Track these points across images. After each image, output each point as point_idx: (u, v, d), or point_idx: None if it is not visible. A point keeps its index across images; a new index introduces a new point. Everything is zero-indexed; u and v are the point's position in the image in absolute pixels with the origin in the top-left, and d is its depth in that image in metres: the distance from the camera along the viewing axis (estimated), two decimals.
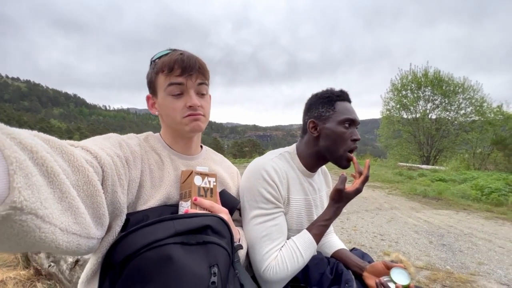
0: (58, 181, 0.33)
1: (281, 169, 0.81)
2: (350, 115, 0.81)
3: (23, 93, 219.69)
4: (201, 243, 0.48)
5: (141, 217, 0.55)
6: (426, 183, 6.99)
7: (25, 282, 1.78)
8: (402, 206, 4.84)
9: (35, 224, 0.28)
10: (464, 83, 15.37)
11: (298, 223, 0.85)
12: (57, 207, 0.32)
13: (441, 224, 3.69)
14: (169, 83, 0.64)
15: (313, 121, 0.84)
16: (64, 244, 0.33)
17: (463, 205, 5.02)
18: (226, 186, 0.79)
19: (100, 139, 0.57)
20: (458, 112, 15.66)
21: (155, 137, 0.73)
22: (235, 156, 43.62)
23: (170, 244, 0.45)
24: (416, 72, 16.30)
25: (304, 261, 0.74)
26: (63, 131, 71.34)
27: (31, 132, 0.35)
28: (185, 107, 0.65)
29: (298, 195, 0.85)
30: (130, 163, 0.58)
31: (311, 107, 0.86)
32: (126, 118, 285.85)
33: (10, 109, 70.68)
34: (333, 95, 0.83)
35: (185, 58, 0.64)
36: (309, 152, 0.86)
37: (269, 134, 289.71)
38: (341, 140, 0.80)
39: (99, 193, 0.41)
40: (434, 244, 2.91)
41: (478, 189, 5.77)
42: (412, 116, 16.74)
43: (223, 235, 0.53)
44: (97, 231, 0.42)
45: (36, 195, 0.28)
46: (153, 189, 0.62)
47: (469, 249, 2.77)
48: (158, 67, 0.65)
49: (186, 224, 0.48)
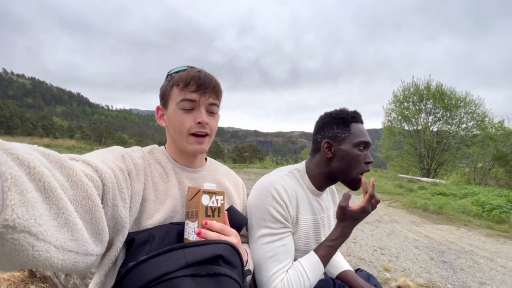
0: (55, 197, 0.33)
1: (290, 187, 0.79)
2: (365, 138, 0.80)
3: (27, 90, 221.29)
4: (212, 274, 0.47)
5: (147, 236, 0.53)
6: (427, 197, 6.95)
7: (19, 284, 1.74)
8: (402, 219, 4.79)
9: (28, 242, 0.27)
10: (466, 97, 15.47)
11: (306, 243, 0.83)
12: (52, 224, 0.32)
13: (442, 240, 3.65)
14: (183, 98, 0.65)
15: (328, 141, 0.82)
16: (59, 262, 0.32)
17: (463, 220, 4.97)
18: (232, 200, 0.77)
19: (103, 152, 0.57)
20: (459, 126, 15.70)
21: (160, 150, 0.72)
22: (235, 161, 43.50)
23: (181, 277, 0.44)
24: (419, 85, 16.41)
25: (310, 284, 0.73)
26: (64, 129, 71.47)
27: (30, 147, 0.35)
28: (193, 123, 0.65)
29: (307, 214, 0.84)
30: (133, 176, 0.57)
31: (325, 126, 0.84)
32: (128, 118, 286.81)
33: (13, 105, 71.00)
34: (348, 116, 0.81)
35: (202, 76, 0.65)
36: (320, 172, 0.85)
37: (270, 140, 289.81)
38: (356, 163, 0.79)
39: (98, 208, 0.41)
40: (435, 260, 2.87)
41: (479, 205, 5.73)
42: (413, 128, 16.78)
43: (235, 265, 0.52)
44: (96, 247, 0.41)
45: (31, 212, 0.28)
46: (157, 203, 0.61)
47: (470, 268, 2.72)
48: (174, 80, 0.66)
49: (197, 255, 0.47)
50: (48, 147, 0.46)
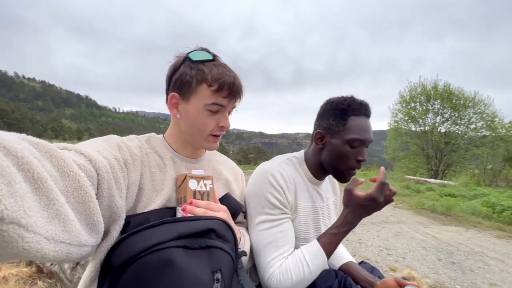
0: (45, 188, 0.32)
1: (288, 174, 0.78)
2: (360, 136, 0.74)
3: (38, 93, 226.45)
4: (204, 247, 0.47)
5: (142, 219, 0.54)
6: (435, 198, 6.81)
7: (27, 280, 1.78)
8: (409, 220, 4.71)
9: (17, 233, 0.27)
10: (475, 97, 15.13)
11: (306, 231, 0.82)
12: (42, 215, 0.31)
13: (450, 241, 3.56)
14: (213, 102, 0.63)
15: (320, 132, 0.80)
16: (51, 253, 0.32)
17: (473, 222, 4.85)
18: (230, 189, 0.77)
19: (98, 141, 0.56)
20: (468, 126, 15.35)
21: (158, 138, 0.71)
22: (240, 162, 43.59)
23: (172, 247, 0.43)
24: (426, 85, 16.15)
25: (310, 272, 0.71)
26: (73, 131, 72.79)
27: (19, 136, 0.34)
28: (216, 125, 0.66)
29: (305, 202, 0.82)
30: (129, 165, 0.57)
31: (323, 115, 0.81)
32: (135, 120, 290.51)
33: (24, 108, 72.77)
34: (349, 108, 0.75)
35: (236, 83, 0.64)
36: (315, 161, 0.84)
37: (275, 141, 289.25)
38: (345, 159, 0.76)
39: (91, 199, 0.40)
40: (443, 261, 2.80)
41: (489, 206, 5.58)
42: (420, 129, 16.48)
43: (227, 239, 0.52)
44: (91, 238, 0.41)
45: (19, 203, 0.27)
46: (154, 193, 0.61)
47: (480, 269, 2.65)
48: (204, 76, 0.62)
49: (190, 227, 0.47)
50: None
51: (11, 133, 0.33)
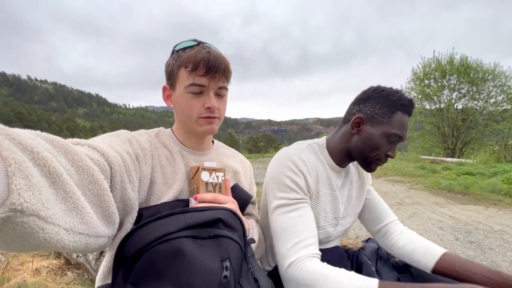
0: (61, 181, 0.33)
1: (309, 161, 0.76)
2: (401, 133, 0.73)
3: (51, 95, 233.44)
4: (213, 236, 0.48)
5: (154, 211, 0.55)
6: (452, 177, 6.62)
7: (57, 271, 1.90)
8: (425, 201, 4.62)
9: (37, 225, 0.28)
10: (495, 69, 14.24)
11: (325, 218, 0.81)
12: (60, 208, 0.32)
13: (468, 220, 3.49)
14: (191, 83, 0.62)
15: (361, 117, 0.76)
16: (71, 244, 0.34)
17: (493, 200, 4.70)
18: (238, 180, 0.77)
19: (109, 136, 0.57)
20: (487, 101, 14.58)
21: (167, 132, 0.72)
22: (250, 151, 43.81)
23: (181, 237, 0.44)
24: (440, 60, 15.33)
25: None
26: (87, 129, 75.26)
27: (33, 132, 0.35)
28: (202, 107, 0.64)
29: (326, 189, 0.81)
30: (141, 159, 0.58)
31: (368, 100, 0.76)
32: (145, 115, 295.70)
33: (39, 110, 75.59)
34: (399, 102, 0.73)
35: (211, 58, 0.61)
36: (340, 147, 0.81)
37: (284, 128, 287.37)
38: (376, 151, 0.75)
39: (106, 192, 0.41)
40: (460, 241, 2.76)
41: (510, 183, 5.38)
42: (435, 107, 15.84)
43: (235, 229, 0.52)
44: (107, 229, 0.42)
45: (37, 196, 0.28)
46: (165, 186, 0.62)
47: (500, 247, 2.59)
48: (181, 60, 0.63)
49: (197, 218, 0.48)
50: None
51: (26, 130, 0.34)
